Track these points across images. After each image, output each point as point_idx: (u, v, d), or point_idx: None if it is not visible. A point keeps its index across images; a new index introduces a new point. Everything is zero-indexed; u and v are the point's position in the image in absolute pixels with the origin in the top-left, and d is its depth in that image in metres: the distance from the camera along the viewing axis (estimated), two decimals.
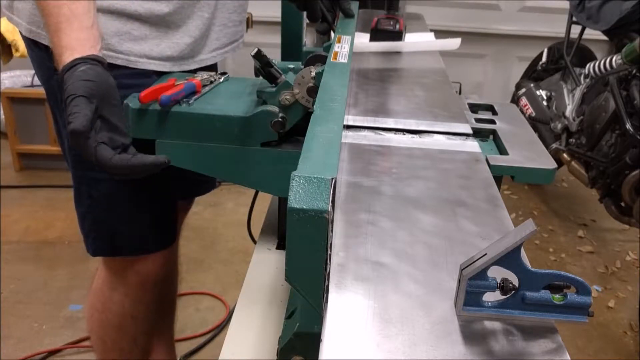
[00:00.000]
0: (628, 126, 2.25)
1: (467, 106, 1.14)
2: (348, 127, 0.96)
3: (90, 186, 1.15)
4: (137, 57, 1.08)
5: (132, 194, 1.16)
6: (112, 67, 1.07)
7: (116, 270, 1.27)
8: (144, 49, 1.08)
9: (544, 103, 3.00)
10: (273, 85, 0.94)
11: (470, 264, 0.52)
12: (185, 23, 1.11)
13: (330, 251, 0.58)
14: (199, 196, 1.50)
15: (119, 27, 1.05)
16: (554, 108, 2.91)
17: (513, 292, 0.52)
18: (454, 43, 1.49)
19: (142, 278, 1.27)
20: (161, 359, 1.59)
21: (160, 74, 1.11)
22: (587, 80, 2.66)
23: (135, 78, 1.08)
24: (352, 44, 1.08)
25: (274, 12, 1.72)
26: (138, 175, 0.89)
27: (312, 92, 0.91)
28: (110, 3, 1.03)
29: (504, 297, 0.53)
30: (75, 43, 0.88)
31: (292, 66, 1.05)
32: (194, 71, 1.14)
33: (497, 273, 0.52)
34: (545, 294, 0.52)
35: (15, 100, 3.11)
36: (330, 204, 0.53)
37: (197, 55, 1.17)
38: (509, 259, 0.51)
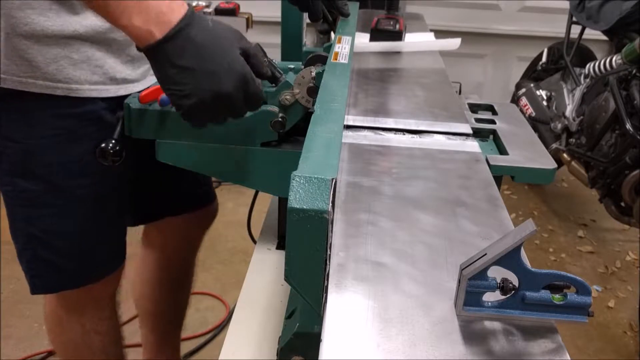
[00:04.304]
0: (628, 126, 2.24)
1: (467, 106, 1.14)
2: (348, 127, 0.96)
3: (27, 222, 1.08)
4: (78, 85, 1.00)
5: (74, 227, 1.09)
6: (51, 98, 0.98)
7: (66, 300, 1.19)
8: (85, 74, 1.00)
9: (544, 103, 2.99)
10: (273, 85, 0.94)
11: (470, 264, 0.52)
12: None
13: (330, 251, 0.58)
14: (195, 210, 1.40)
15: (57, 52, 0.97)
16: (554, 108, 2.91)
17: (513, 292, 0.52)
18: (454, 43, 1.49)
19: (96, 301, 1.21)
20: (166, 359, 1.59)
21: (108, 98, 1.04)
22: (587, 80, 2.66)
23: (78, 107, 1.01)
24: (352, 44, 1.08)
25: (274, 12, 1.71)
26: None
27: (312, 92, 0.91)
28: (43, 27, 0.94)
29: (504, 297, 0.53)
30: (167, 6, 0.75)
31: (292, 66, 1.05)
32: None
33: (497, 273, 0.52)
34: (545, 294, 0.52)
35: None
36: (330, 204, 0.53)
37: (147, 75, 1.08)
38: (509, 259, 0.51)
